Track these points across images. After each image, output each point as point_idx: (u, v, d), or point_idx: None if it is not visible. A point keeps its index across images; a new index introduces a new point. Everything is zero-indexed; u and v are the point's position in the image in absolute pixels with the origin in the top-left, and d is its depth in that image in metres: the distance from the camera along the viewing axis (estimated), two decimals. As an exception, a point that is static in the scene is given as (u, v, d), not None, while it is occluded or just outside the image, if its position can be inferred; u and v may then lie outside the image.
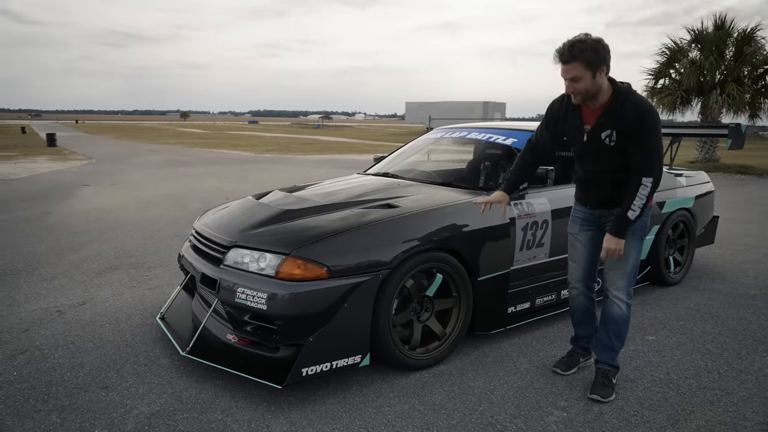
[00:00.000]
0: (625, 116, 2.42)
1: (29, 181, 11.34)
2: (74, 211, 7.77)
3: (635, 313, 3.95)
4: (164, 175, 12.95)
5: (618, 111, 2.45)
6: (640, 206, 2.45)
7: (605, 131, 2.49)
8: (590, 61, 2.35)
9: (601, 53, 2.37)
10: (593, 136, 2.54)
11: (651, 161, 2.42)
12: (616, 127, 2.46)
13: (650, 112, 2.42)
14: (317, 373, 2.59)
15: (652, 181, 2.42)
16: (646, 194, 2.43)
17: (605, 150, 2.52)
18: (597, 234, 2.76)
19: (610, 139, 2.49)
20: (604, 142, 2.51)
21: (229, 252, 2.86)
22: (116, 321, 3.60)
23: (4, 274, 4.64)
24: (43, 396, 2.62)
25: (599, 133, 2.51)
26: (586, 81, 2.39)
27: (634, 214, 2.46)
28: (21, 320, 3.58)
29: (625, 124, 2.43)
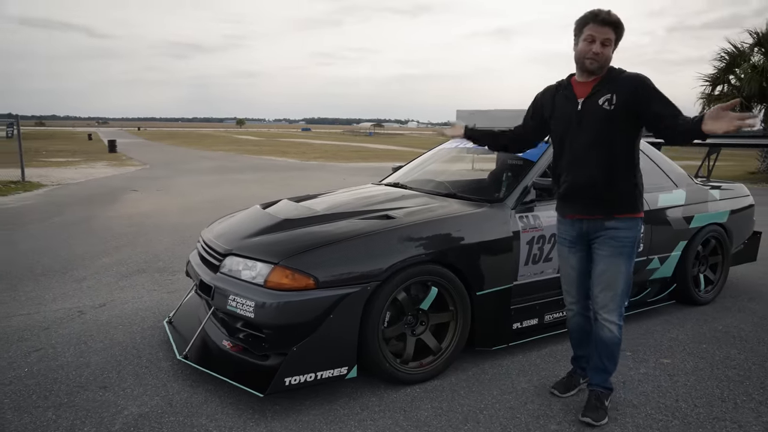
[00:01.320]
0: (627, 82, 2.40)
1: (84, 186, 11.98)
2: (117, 215, 8.14)
3: (653, 333, 3.77)
4: (210, 181, 13.39)
5: (616, 79, 2.43)
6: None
7: (604, 96, 2.42)
8: (620, 32, 2.42)
9: (623, 32, 2.44)
10: (589, 104, 2.45)
11: (677, 110, 2.29)
12: (617, 91, 2.40)
13: (647, 78, 2.41)
14: (301, 383, 2.60)
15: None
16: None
17: (602, 114, 2.41)
18: (587, 255, 2.63)
19: (609, 103, 2.40)
20: (603, 107, 2.41)
21: (225, 260, 2.92)
22: (130, 323, 3.74)
23: (41, 274, 4.91)
24: (45, 393, 2.76)
25: (596, 100, 2.43)
26: (610, 49, 2.42)
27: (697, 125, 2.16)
28: (44, 319, 3.78)
29: (629, 88, 2.38)
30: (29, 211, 8.48)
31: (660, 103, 2.33)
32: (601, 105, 2.42)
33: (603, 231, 2.52)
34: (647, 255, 3.92)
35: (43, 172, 14.54)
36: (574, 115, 2.49)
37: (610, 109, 2.40)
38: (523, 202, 3.31)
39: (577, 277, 2.69)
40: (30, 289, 4.45)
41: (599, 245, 2.54)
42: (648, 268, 3.99)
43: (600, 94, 2.43)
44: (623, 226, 2.49)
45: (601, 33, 2.38)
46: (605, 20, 2.37)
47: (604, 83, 2.44)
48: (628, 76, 2.43)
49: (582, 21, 2.43)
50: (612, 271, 2.51)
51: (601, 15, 2.37)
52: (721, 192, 4.57)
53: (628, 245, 2.50)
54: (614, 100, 2.39)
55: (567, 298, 2.78)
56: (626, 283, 2.54)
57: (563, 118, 2.54)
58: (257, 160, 22.56)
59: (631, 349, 3.48)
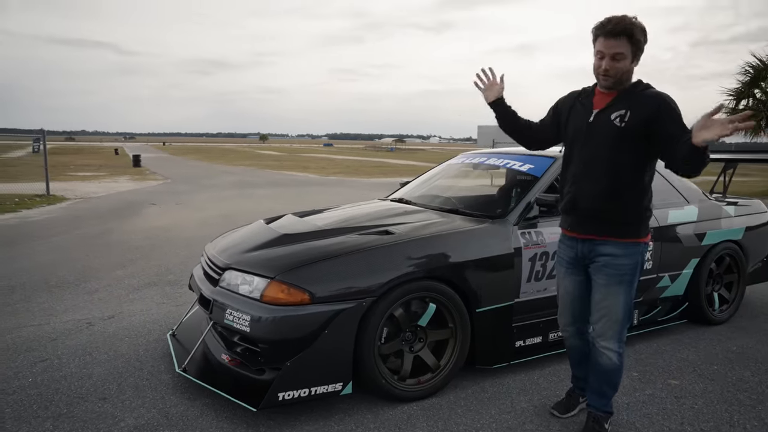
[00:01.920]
0: (647, 101, 2.24)
1: (106, 200, 12.23)
2: (135, 228, 8.28)
3: (663, 353, 3.67)
4: (228, 196, 13.56)
5: (637, 96, 2.27)
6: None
7: (617, 111, 2.28)
8: (637, 41, 2.20)
9: (645, 37, 2.22)
10: (601, 117, 2.32)
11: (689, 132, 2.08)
12: (633, 109, 2.25)
13: (672, 100, 2.24)
14: (294, 398, 2.59)
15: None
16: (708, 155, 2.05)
17: (612, 130, 2.28)
18: (584, 280, 2.53)
19: (621, 119, 2.26)
20: (614, 122, 2.28)
21: (224, 273, 2.95)
22: (136, 335, 3.78)
23: (55, 285, 5.01)
24: (45, 403, 2.80)
25: (609, 114, 2.30)
26: (626, 62, 2.22)
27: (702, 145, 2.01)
28: (53, 330, 3.85)
29: (647, 108, 2.22)
30: (51, 223, 8.68)
31: (676, 126, 2.18)
32: (612, 120, 2.29)
33: (599, 257, 2.40)
34: (657, 273, 3.84)
35: (68, 186, 14.90)
36: (585, 126, 2.38)
37: (621, 126, 2.27)
38: (526, 218, 3.28)
39: (570, 302, 2.59)
40: (43, 300, 4.54)
41: (595, 272, 2.43)
42: (658, 286, 3.90)
43: (614, 109, 2.30)
44: (622, 252, 2.36)
45: (610, 47, 2.20)
46: (613, 32, 2.18)
47: (623, 98, 2.30)
48: (651, 94, 2.26)
49: (593, 33, 2.26)
50: (610, 300, 2.40)
51: (608, 26, 2.19)
52: (736, 208, 4.47)
53: (627, 273, 2.37)
54: (627, 117, 2.25)
55: (561, 320, 2.70)
56: (625, 312, 2.42)
57: (575, 127, 2.43)
58: (277, 175, 22.77)
59: (638, 370, 3.39)
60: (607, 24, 2.20)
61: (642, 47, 2.24)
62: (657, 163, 4.20)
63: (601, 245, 2.39)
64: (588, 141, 2.36)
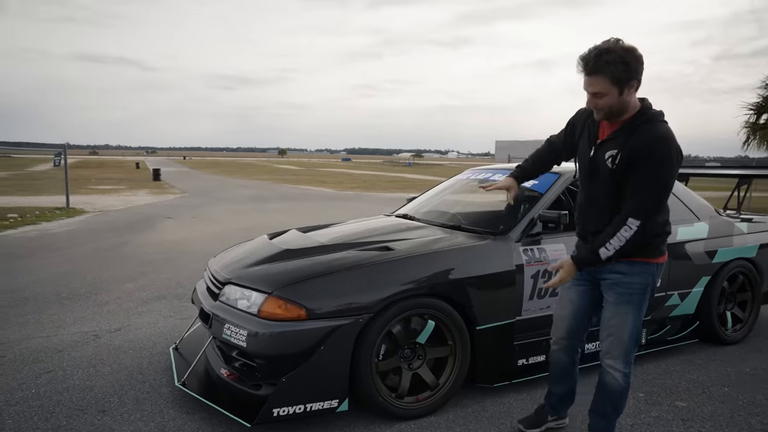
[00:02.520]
0: (636, 141, 2.12)
1: (123, 213, 12.43)
2: (149, 242, 8.39)
3: (672, 373, 3.59)
4: (243, 210, 13.68)
5: (630, 133, 2.15)
6: (616, 248, 2.15)
7: (610, 151, 2.20)
8: (617, 77, 2.05)
9: (632, 66, 2.06)
10: (599, 153, 2.26)
11: (644, 202, 2.11)
12: (623, 151, 2.15)
13: (665, 143, 2.08)
14: (290, 414, 2.58)
15: (639, 225, 2.11)
16: (628, 237, 2.13)
17: (606, 172, 2.23)
18: (591, 290, 2.49)
19: (612, 161, 2.19)
20: (606, 163, 2.22)
21: (224, 288, 2.96)
22: (141, 348, 3.81)
23: (66, 297, 5.08)
24: (46, 415, 2.82)
25: (605, 152, 2.23)
26: (611, 97, 2.10)
27: (607, 253, 2.17)
28: (61, 342, 3.90)
29: (632, 150, 2.12)
30: (69, 236, 8.84)
31: (635, 188, 2.10)
32: (605, 160, 2.22)
33: (610, 274, 2.35)
34: (666, 291, 3.76)
35: (87, 199, 15.18)
36: (587, 159, 2.34)
37: (613, 168, 2.20)
38: (529, 234, 3.24)
39: (573, 313, 2.54)
40: (53, 312, 4.60)
41: (606, 290, 2.39)
42: (667, 305, 3.82)
43: (610, 146, 2.21)
44: (632, 271, 2.30)
45: (590, 85, 2.12)
46: (587, 71, 2.09)
47: (623, 131, 2.19)
48: (644, 134, 2.12)
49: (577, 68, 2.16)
50: (618, 319, 2.35)
51: (583, 65, 2.09)
52: (750, 225, 4.37)
53: (637, 293, 2.31)
54: (617, 159, 2.17)
55: (556, 332, 2.65)
56: (633, 333, 2.35)
57: (580, 157, 2.41)
58: (294, 190, 22.95)
59: (644, 390, 3.31)
60: (583, 62, 2.10)
61: (631, 76, 2.08)
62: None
63: (614, 263, 2.31)
64: (590, 176, 2.34)
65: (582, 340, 2.62)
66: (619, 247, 2.16)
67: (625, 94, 2.12)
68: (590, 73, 2.09)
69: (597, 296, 2.47)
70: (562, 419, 2.79)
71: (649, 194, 2.12)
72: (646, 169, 2.10)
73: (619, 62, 2.04)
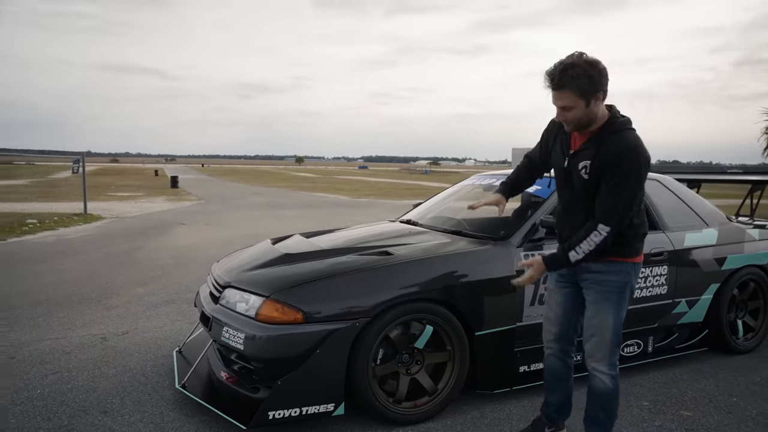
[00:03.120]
0: (604, 151, 2.20)
1: (139, 219, 12.61)
2: (161, 247, 8.49)
3: (679, 382, 3.52)
4: (257, 216, 13.79)
5: (599, 143, 2.23)
6: (586, 252, 2.23)
7: (583, 162, 2.28)
8: (583, 89, 2.13)
9: (596, 78, 2.13)
10: (572, 164, 2.33)
11: (614, 209, 2.19)
12: (595, 159, 2.23)
13: (633, 152, 2.16)
14: (285, 417, 2.59)
15: (608, 231, 2.20)
16: (598, 242, 2.21)
17: (580, 182, 2.31)
18: (574, 292, 2.52)
19: (585, 171, 2.27)
20: (580, 173, 2.29)
21: (224, 291, 2.99)
22: (146, 351, 3.85)
23: (78, 301, 5.17)
24: (49, 414, 2.87)
25: (578, 162, 2.30)
26: (579, 110, 2.18)
27: (576, 257, 2.25)
28: (69, 344, 3.96)
29: (602, 160, 2.20)
30: (84, 241, 8.99)
31: (605, 195, 2.19)
32: (579, 170, 2.30)
33: (588, 274, 2.41)
34: (673, 298, 3.70)
35: (105, 206, 15.43)
36: (562, 170, 2.41)
37: (586, 178, 2.28)
38: (530, 239, 3.22)
39: (561, 315, 2.57)
40: (64, 315, 4.68)
41: (586, 289, 2.44)
42: (674, 312, 3.75)
43: (582, 157, 2.29)
44: (610, 269, 2.36)
45: (557, 99, 2.20)
46: (553, 87, 2.18)
47: (593, 141, 2.26)
48: (613, 144, 2.19)
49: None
50: (599, 319, 2.39)
51: (552, 81, 2.16)
52: (762, 232, 4.28)
53: (614, 291, 2.36)
54: (590, 169, 2.25)
55: (546, 336, 2.67)
56: (614, 332, 2.38)
57: (555, 167, 2.49)
58: (309, 197, 23.06)
59: (649, 399, 3.26)
60: (549, 78, 2.17)
61: (596, 88, 2.15)
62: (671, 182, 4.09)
63: (589, 263, 2.37)
64: (564, 186, 2.43)
65: (573, 343, 2.62)
66: (589, 251, 2.23)
67: (591, 106, 2.18)
68: (556, 87, 2.17)
69: (581, 298, 2.50)
70: (559, 430, 2.75)
71: (619, 202, 2.19)
72: (614, 178, 2.18)
73: (584, 76, 2.12)
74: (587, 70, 2.12)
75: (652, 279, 3.58)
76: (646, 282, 3.55)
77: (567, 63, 2.13)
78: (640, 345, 3.68)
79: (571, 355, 2.63)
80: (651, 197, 3.80)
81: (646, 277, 3.54)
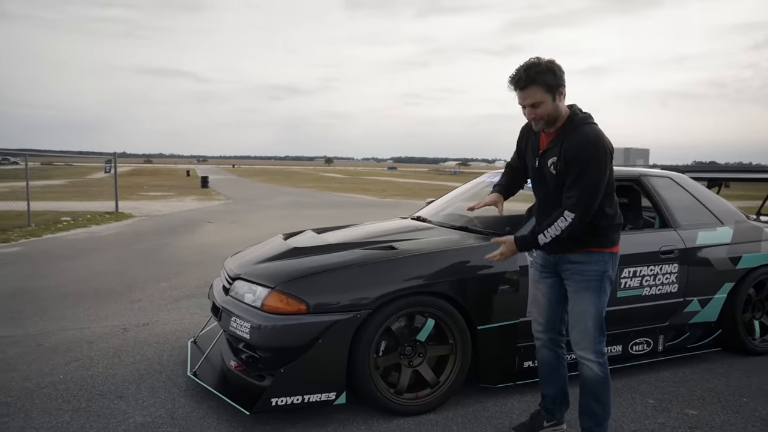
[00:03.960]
0: (568, 144, 2.32)
1: (168, 218, 12.96)
2: (187, 244, 8.73)
3: (688, 381, 3.49)
4: (281, 215, 14.02)
5: (563, 138, 2.35)
6: (552, 236, 2.33)
7: (551, 158, 2.39)
8: (549, 84, 2.27)
9: (558, 74, 2.29)
10: (542, 162, 2.45)
11: (578, 197, 2.28)
12: (561, 155, 2.34)
13: (593, 144, 2.28)
14: (287, 404, 2.68)
15: (574, 217, 2.29)
16: (564, 228, 2.31)
17: (551, 179, 2.42)
18: (558, 281, 2.59)
19: (554, 167, 2.38)
20: (550, 170, 2.41)
21: (234, 283, 3.10)
22: (164, 341, 4.01)
23: (104, 294, 5.38)
24: (69, 398, 3.03)
25: (547, 160, 2.42)
26: (547, 105, 2.31)
27: (544, 239, 2.36)
28: (92, 334, 4.15)
29: (567, 154, 2.32)
30: (114, 238, 9.31)
31: (570, 184, 2.29)
32: (549, 167, 2.41)
33: (569, 264, 2.49)
34: (684, 296, 3.67)
35: (136, 205, 15.90)
36: (534, 170, 2.53)
37: (555, 174, 2.39)
38: (535, 236, 3.24)
39: (546, 304, 2.64)
40: (89, 307, 4.89)
41: (567, 280, 2.52)
42: (686, 311, 3.71)
43: (550, 154, 2.40)
44: (588, 259, 2.45)
45: (525, 97, 2.31)
46: (521, 85, 2.29)
47: (559, 138, 2.38)
48: (576, 137, 2.31)
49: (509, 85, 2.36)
50: (581, 307, 2.47)
51: (515, 80, 2.29)
52: None
53: (594, 279, 2.44)
54: (558, 165, 2.36)
55: (534, 326, 2.73)
56: (596, 319, 2.46)
57: (529, 167, 2.58)
58: (336, 197, 23.28)
59: (655, 396, 3.24)
60: (514, 79, 2.29)
61: (559, 83, 2.29)
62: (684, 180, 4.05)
63: (568, 255, 2.48)
64: (538, 184, 2.54)
65: (561, 332, 2.67)
66: (555, 235, 2.33)
67: (557, 101, 2.32)
68: (524, 86, 2.29)
69: (565, 287, 2.57)
70: (559, 425, 2.77)
71: (583, 190, 2.28)
72: (577, 169, 2.29)
73: (548, 71, 2.27)
74: (549, 66, 2.27)
75: (662, 277, 3.55)
76: (655, 280, 3.52)
77: (529, 63, 2.29)
78: (650, 343, 3.65)
79: (561, 345, 2.68)
80: (662, 195, 3.78)
81: (655, 275, 3.52)
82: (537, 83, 2.26)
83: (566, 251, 2.47)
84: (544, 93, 2.28)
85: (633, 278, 3.44)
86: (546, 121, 2.36)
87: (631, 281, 3.44)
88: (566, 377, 2.72)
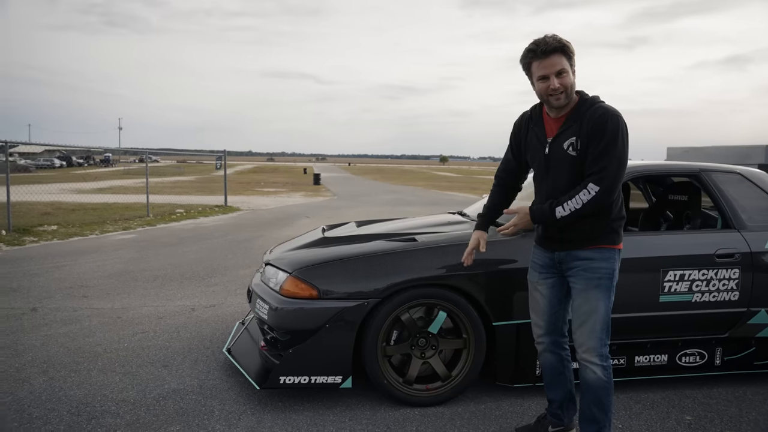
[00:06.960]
0: (589, 120, 2.22)
1: (271, 211, 13.86)
2: (279, 236, 9.28)
3: (743, 402, 3.15)
4: (378, 212, 14.36)
5: (582, 116, 2.25)
6: (572, 210, 2.20)
7: (569, 139, 2.27)
8: (569, 54, 2.22)
9: (573, 49, 2.24)
10: (555, 147, 2.31)
11: (604, 169, 2.17)
12: (579, 133, 2.24)
13: (617, 118, 2.22)
14: (294, 383, 2.84)
15: (599, 190, 2.17)
16: (586, 201, 2.18)
17: (568, 162, 2.28)
18: (559, 282, 2.44)
19: (573, 148, 2.26)
20: (567, 152, 2.27)
21: (265, 268, 3.33)
22: (222, 322, 4.37)
23: (188, 278, 5.95)
24: (124, 362, 3.45)
25: (562, 143, 2.29)
26: (569, 75, 2.23)
27: (562, 212, 2.22)
28: (165, 311, 4.63)
29: (588, 128, 2.22)
30: (216, 229, 10.17)
31: (595, 155, 2.19)
32: (566, 150, 2.28)
33: (577, 261, 2.34)
34: (747, 306, 3.29)
35: (246, 199, 17.16)
36: (542, 159, 2.37)
37: (575, 155, 2.26)
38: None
39: (546, 306, 2.49)
40: (171, 288, 5.45)
41: (573, 277, 2.36)
42: (751, 323, 3.32)
43: (566, 136, 2.28)
44: (598, 256, 2.31)
45: (551, 66, 2.20)
46: (547, 51, 2.18)
47: (572, 120, 2.27)
48: (595, 112, 2.22)
49: (525, 60, 2.27)
50: (589, 306, 2.31)
51: (541, 47, 2.19)
52: None
53: (604, 277, 2.30)
54: (578, 145, 2.25)
55: (535, 330, 2.57)
56: (604, 320, 2.31)
57: (535, 160, 2.44)
58: (439, 195, 23.31)
59: (695, 414, 2.96)
60: (539, 47, 2.21)
61: (573, 53, 2.24)
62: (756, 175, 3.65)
63: (577, 251, 2.34)
64: (547, 174, 2.37)
65: (564, 334, 2.52)
66: (575, 209, 2.20)
67: (573, 75, 2.26)
68: (548, 52, 2.19)
69: (566, 288, 2.44)
70: (569, 430, 2.64)
71: (611, 162, 2.19)
72: (603, 141, 2.19)
73: (565, 41, 2.22)
74: (561, 39, 2.22)
75: (718, 283, 3.22)
76: (708, 285, 3.21)
77: (548, 35, 2.23)
78: (704, 356, 3.33)
79: (564, 347, 2.54)
80: (725, 192, 3.42)
81: (708, 280, 3.20)
82: (560, 51, 2.19)
83: (576, 247, 2.33)
84: (566, 61, 2.21)
85: (680, 282, 3.16)
86: (567, 94, 2.24)
87: (677, 285, 3.16)
88: (572, 380, 2.59)
